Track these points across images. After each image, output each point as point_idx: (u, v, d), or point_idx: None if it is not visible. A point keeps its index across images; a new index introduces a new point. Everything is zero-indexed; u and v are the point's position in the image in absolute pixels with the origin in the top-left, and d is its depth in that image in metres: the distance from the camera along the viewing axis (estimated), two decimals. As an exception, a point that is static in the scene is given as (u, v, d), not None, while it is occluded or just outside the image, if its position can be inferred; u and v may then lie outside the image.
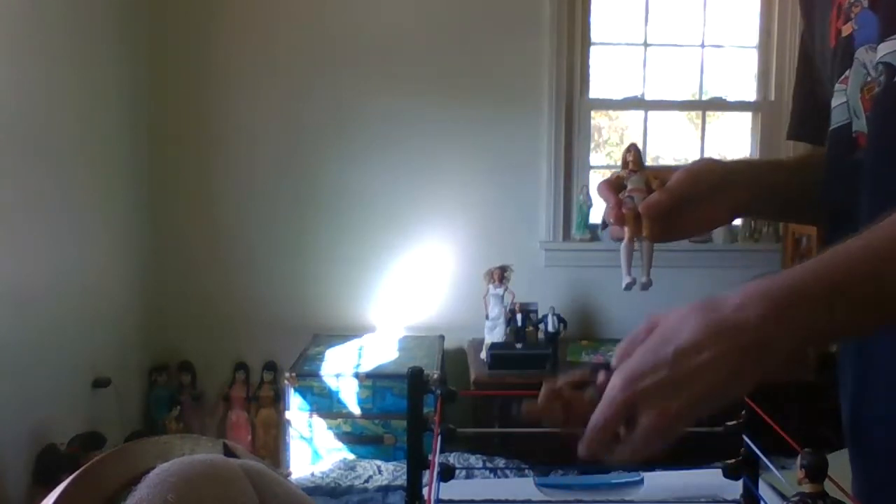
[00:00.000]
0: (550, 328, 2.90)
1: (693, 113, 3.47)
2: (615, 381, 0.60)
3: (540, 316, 2.91)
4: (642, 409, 0.59)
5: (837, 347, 0.90)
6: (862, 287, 0.59)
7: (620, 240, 0.82)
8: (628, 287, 0.84)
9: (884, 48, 0.69)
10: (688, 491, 1.28)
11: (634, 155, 0.82)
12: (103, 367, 2.74)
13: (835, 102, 0.76)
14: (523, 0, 3.13)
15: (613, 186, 0.81)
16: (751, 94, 3.33)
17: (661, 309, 0.68)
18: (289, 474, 2.45)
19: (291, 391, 2.71)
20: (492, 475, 2.13)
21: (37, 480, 2.28)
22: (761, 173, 0.86)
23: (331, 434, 2.71)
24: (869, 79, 0.71)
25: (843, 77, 0.74)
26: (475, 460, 2.25)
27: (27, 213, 2.33)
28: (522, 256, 3.09)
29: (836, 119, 0.76)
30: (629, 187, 0.80)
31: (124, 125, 2.98)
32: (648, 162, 3.37)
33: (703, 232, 0.88)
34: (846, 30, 0.74)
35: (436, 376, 2.63)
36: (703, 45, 3.28)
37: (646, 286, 0.84)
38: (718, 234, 3.19)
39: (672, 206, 0.78)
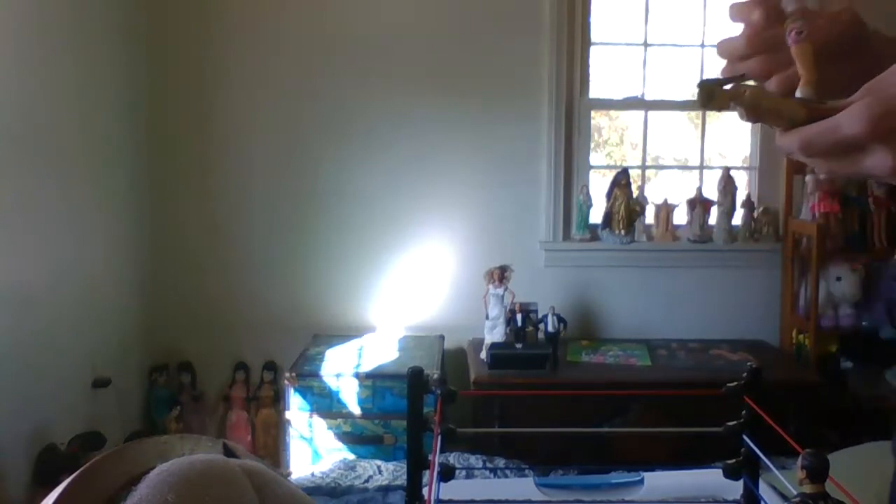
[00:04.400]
0: (550, 328, 2.90)
1: (693, 113, 3.47)
2: (854, 114, 0.51)
3: (540, 316, 2.91)
4: (879, 146, 0.51)
5: None
6: None
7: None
8: None
9: None
10: (688, 491, 1.28)
11: None
12: (103, 367, 2.74)
13: None
14: (523, 0, 3.13)
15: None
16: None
17: (661, 309, 0.67)
18: (289, 474, 2.45)
19: (291, 391, 2.71)
20: (492, 475, 2.13)
21: (37, 480, 2.28)
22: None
23: (331, 434, 2.71)
24: None
25: None
26: (475, 460, 2.25)
27: (27, 214, 2.33)
28: (522, 256, 3.09)
29: None
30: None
31: (124, 125, 2.98)
32: (648, 161, 3.38)
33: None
34: None
35: (436, 376, 2.63)
36: (703, 45, 3.28)
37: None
38: (718, 234, 3.19)
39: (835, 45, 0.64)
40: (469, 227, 3.19)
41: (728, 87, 0.57)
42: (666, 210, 3.21)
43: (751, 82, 0.67)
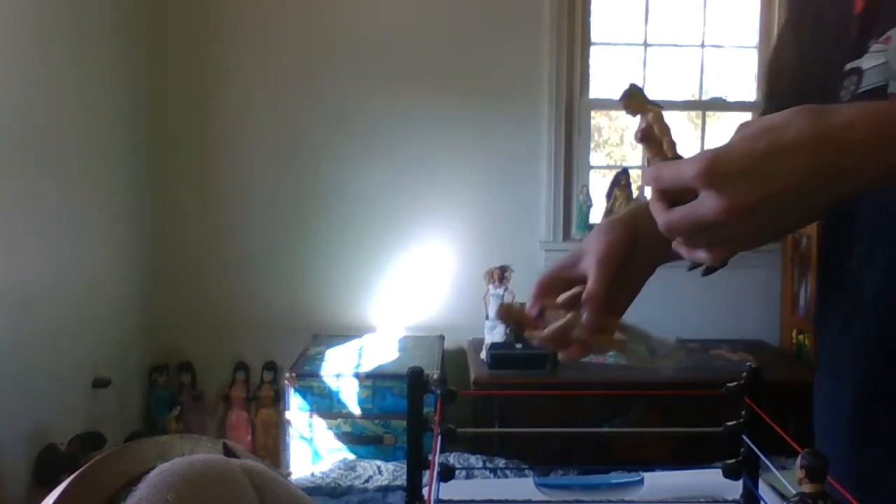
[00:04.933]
0: (550, 328, 2.89)
1: (693, 113, 3.47)
2: (692, 161, 0.57)
3: (540, 316, 2.91)
4: (713, 190, 0.56)
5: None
6: None
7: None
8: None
9: None
10: (688, 491, 1.28)
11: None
12: (103, 367, 2.74)
13: (867, 64, 0.74)
14: (523, 0, 3.13)
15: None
16: (751, 94, 3.33)
17: (661, 308, 0.68)
18: (289, 474, 2.45)
19: (291, 391, 2.71)
20: (492, 475, 2.13)
21: (37, 480, 2.28)
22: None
23: (331, 434, 2.71)
24: None
25: (884, 37, 0.72)
26: (475, 460, 2.25)
27: (27, 214, 2.33)
28: (522, 256, 3.09)
29: (869, 81, 0.74)
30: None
31: (124, 125, 2.99)
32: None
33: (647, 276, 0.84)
34: None
35: (436, 376, 2.63)
36: (703, 45, 3.28)
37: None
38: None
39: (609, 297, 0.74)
40: (469, 227, 3.19)
41: (649, 105, 0.65)
42: (666, 210, 3.21)
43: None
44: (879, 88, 0.72)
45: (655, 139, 0.62)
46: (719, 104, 3.37)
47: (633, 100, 0.64)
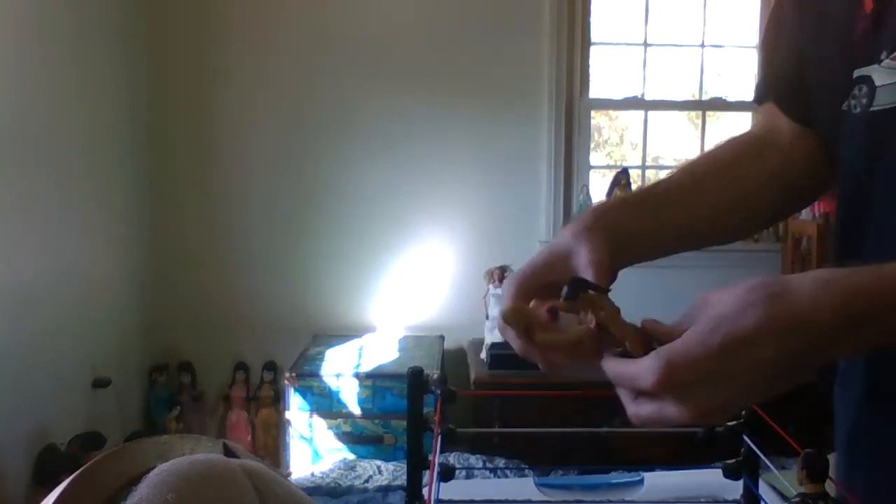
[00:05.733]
0: (550, 328, 2.89)
1: (693, 113, 3.47)
2: (647, 370, 0.54)
3: (540, 316, 2.91)
4: (674, 400, 0.54)
5: None
6: None
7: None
8: None
9: None
10: (688, 491, 1.28)
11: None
12: (103, 367, 2.74)
13: (880, 81, 0.69)
14: (523, 0, 3.13)
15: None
16: (751, 95, 3.33)
17: (661, 309, 0.67)
18: (289, 474, 2.45)
19: (291, 391, 2.71)
20: (492, 475, 2.13)
21: (37, 480, 2.28)
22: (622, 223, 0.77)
23: (331, 434, 2.71)
24: None
25: (894, 54, 0.67)
26: (475, 460, 2.25)
27: (27, 214, 2.33)
28: (522, 256, 3.03)
29: (883, 100, 0.68)
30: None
31: (124, 125, 2.98)
32: (648, 161, 3.37)
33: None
34: None
35: (436, 376, 2.63)
36: (703, 45, 3.28)
37: None
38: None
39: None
40: (469, 227, 3.19)
41: (592, 292, 0.60)
42: (666, 210, 3.21)
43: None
44: (894, 110, 0.68)
45: (613, 339, 0.59)
46: (719, 104, 3.37)
47: (577, 301, 0.59)
